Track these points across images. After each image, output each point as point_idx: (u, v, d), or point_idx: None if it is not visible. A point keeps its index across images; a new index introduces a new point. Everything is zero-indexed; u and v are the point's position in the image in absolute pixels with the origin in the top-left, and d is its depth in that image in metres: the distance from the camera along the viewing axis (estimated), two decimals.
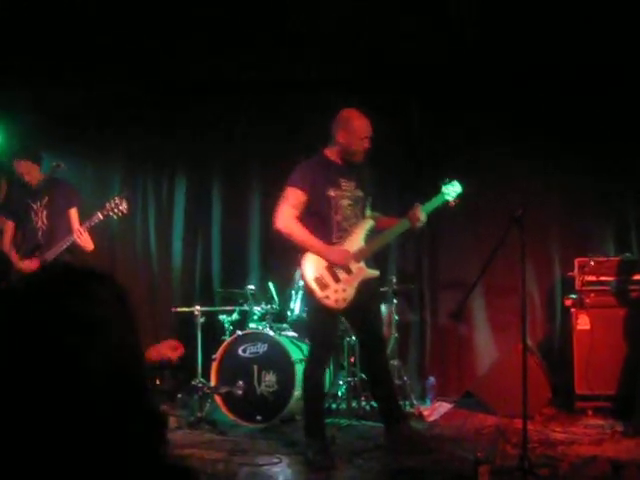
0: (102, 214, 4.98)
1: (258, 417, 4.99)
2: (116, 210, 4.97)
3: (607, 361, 5.26)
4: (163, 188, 7.08)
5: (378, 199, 4.67)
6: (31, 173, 5.20)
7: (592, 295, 5.45)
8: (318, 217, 4.22)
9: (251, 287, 5.61)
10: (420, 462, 4.07)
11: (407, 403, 5.38)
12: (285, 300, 5.67)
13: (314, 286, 4.18)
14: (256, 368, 5.07)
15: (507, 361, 5.27)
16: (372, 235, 4.37)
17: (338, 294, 4.19)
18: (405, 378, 5.50)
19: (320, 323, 4.29)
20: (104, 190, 6.85)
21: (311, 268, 4.21)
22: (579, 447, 4.37)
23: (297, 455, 4.28)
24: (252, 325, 5.43)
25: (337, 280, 4.19)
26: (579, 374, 5.32)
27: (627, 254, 5.63)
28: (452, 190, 4.40)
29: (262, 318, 5.49)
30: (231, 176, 6.90)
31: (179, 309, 5.75)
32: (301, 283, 5.26)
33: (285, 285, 5.70)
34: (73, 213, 5.26)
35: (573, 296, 5.57)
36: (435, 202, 4.40)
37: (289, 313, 5.57)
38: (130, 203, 5.12)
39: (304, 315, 5.56)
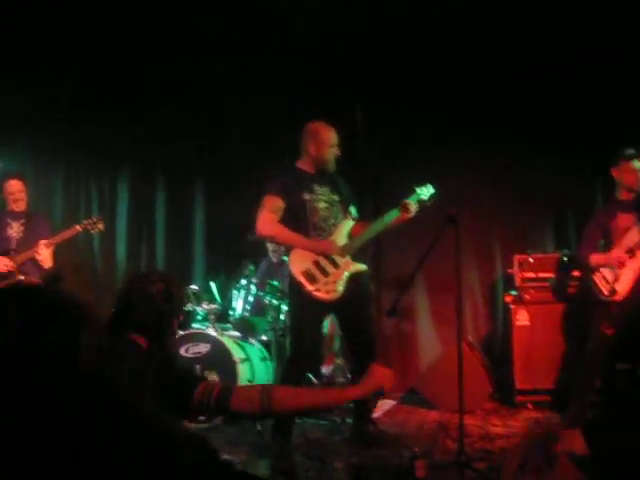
0: (81, 227, 5.46)
1: (200, 417, 4.93)
2: (92, 227, 5.51)
3: (546, 356, 5.36)
4: (105, 184, 6.94)
5: None
6: (22, 193, 5.53)
7: (531, 291, 5.57)
8: (295, 220, 4.28)
9: (194, 287, 5.56)
10: (360, 459, 4.08)
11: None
12: (228, 300, 5.64)
13: (302, 280, 4.15)
14: (199, 368, 5.02)
15: (448, 357, 5.31)
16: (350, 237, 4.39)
17: (329, 286, 4.17)
18: (349, 376, 5.49)
19: (305, 322, 4.24)
20: (48, 189, 6.78)
21: (298, 263, 4.21)
22: (517, 440, 4.42)
23: (239, 455, 4.23)
24: (195, 325, 5.39)
25: (326, 274, 4.20)
26: (519, 369, 5.42)
27: (565, 250, 5.74)
28: (426, 191, 4.49)
29: (205, 318, 5.45)
30: (175, 173, 6.83)
31: None
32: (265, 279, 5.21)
33: (228, 284, 5.65)
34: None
35: (513, 292, 5.68)
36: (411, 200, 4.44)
37: (231, 312, 5.54)
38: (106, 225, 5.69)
39: (246, 315, 5.55)
